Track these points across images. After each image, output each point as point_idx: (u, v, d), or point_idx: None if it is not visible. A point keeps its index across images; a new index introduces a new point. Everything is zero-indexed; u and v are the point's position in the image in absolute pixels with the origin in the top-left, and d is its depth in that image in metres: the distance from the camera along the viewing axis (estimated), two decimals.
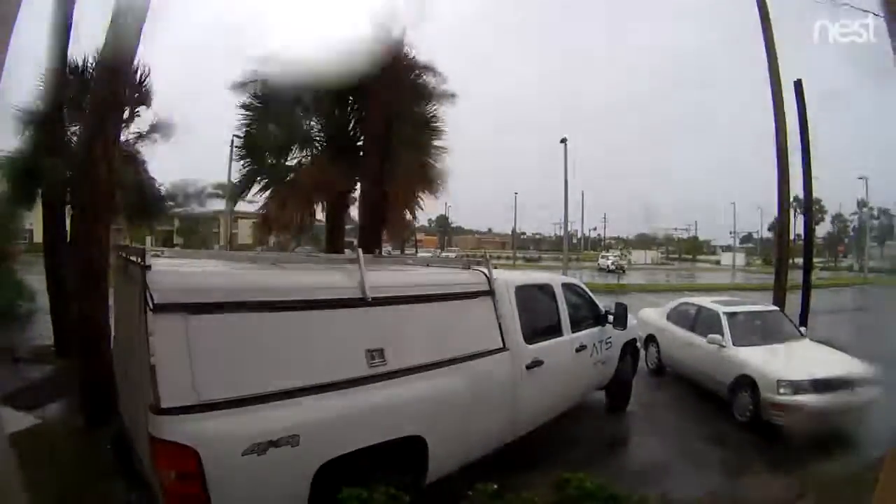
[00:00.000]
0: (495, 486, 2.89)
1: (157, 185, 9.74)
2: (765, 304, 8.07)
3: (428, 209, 9.42)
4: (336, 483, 2.66)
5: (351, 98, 8.44)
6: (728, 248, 60.36)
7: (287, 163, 8.55)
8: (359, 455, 2.84)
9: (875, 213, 54.52)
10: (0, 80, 2.18)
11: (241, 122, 8.55)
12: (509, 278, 4.47)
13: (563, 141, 22.40)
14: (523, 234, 77.92)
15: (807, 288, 10.23)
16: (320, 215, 8.89)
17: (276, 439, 2.50)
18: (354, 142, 8.55)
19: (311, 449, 2.63)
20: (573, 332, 5.05)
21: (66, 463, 4.01)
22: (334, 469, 2.72)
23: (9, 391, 5.92)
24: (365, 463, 2.86)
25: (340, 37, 8.22)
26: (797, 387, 5.32)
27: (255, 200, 8.72)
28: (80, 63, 8.03)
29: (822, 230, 54.79)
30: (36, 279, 9.60)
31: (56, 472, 3.76)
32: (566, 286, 5.38)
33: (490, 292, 4.06)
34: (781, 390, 5.33)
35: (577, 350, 5.06)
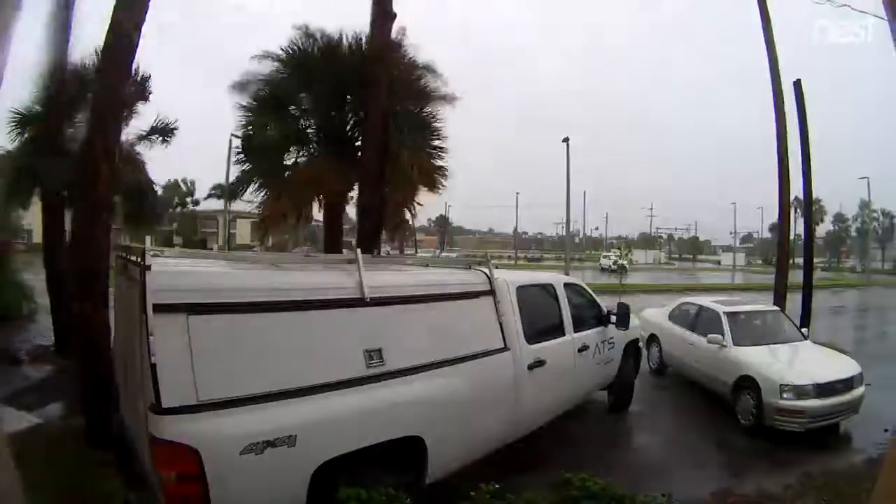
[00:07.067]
0: (497, 486, 2.89)
1: (154, 187, 9.74)
2: (765, 305, 8.05)
3: (428, 209, 9.38)
4: (335, 483, 2.65)
5: (350, 98, 8.42)
6: (728, 249, 60.44)
7: (285, 163, 8.52)
8: (357, 455, 2.83)
9: (877, 214, 54.55)
10: (0, 80, 2.17)
11: (240, 121, 8.54)
12: (510, 278, 4.45)
13: (566, 140, 22.42)
14: (525, 233, 77.98)
15: (808, 289, 10.18)
16: (319, 216, 8.88)
17: (273, 439, 2.49)
18: (353, 142, 8.53)
19: (308, 449, 2.63)
20: (575, 332, 5.03)
21: (66, 463, 4.00)
22: (333, 469, 2.71)
23: (9, 391, 5.92)
24: (364, 463, 2.84)
25: (339, 36, 8.28)
26: (801, 392, 5.29)
27: (252, 200, 8.68)
28: (80, 63, 8.02)
29: (822, 230, 54.81)
30: (36, 279, 9.61)
31: (56, 472, 3.75)
32: (568, 286, 5.36)
33: (491, 292, 4.04)
34: (785, 395, 5.29)
35: (580, 350, 5.04)
